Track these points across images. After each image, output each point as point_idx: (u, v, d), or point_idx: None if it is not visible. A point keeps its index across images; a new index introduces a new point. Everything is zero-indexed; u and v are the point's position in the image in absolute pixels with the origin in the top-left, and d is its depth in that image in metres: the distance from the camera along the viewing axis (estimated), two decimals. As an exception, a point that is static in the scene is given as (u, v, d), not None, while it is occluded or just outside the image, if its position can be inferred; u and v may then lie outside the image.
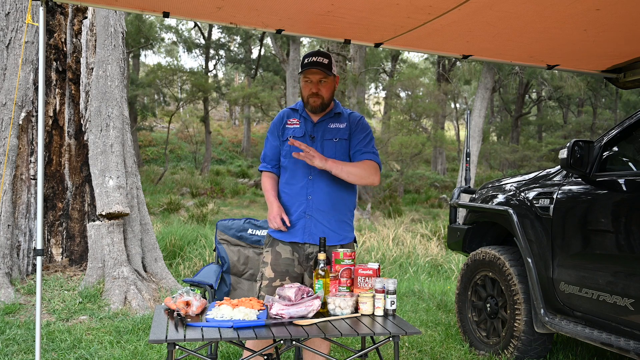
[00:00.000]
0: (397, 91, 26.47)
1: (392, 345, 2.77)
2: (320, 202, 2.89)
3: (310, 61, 2.85)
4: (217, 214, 12.77)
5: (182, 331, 2.29)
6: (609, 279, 3.13)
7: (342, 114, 3.00)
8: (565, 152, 3.33)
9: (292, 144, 2.81)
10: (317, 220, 2.89)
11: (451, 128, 36.52)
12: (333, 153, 2.90)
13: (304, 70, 2.87)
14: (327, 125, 2.95)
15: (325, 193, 2.89)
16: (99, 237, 5.34)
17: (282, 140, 2.99)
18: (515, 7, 2.74)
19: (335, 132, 2.94)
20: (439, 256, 8.14)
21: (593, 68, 3.97)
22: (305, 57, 2.91)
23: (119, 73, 5.73)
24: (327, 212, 2.90)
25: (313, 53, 2.89)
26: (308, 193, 2.90)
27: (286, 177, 2.98)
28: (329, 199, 2.90)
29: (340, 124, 2.96)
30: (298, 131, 2.96)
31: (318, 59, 2.85)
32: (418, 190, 22.15)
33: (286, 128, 3.00)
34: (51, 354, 3.83)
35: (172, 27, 27.91)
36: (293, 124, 2.99)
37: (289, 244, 2.93)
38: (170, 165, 24.93)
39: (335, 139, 2.93)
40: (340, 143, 2.93)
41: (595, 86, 22.77)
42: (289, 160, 2.96)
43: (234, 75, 41.52)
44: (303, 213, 2.90)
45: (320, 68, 2.84)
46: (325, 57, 2.89)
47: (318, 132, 2.94)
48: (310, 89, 2.89)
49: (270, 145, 3.05)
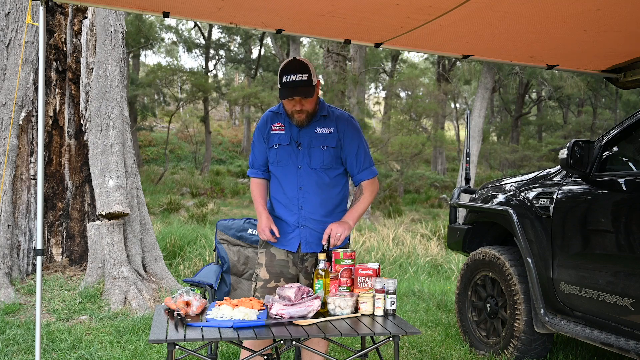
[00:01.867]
0: (397, 91, 26.46)
1: (392, 345, 2.77)
2: (312, 212, 2.84)
3: (289, 81, 2.65)
4: (217, 214, 12.77)
5: (182, 331, 2.29)
6: (609, 279, 3.13)
7: (329, 115, 2.86)
8: (565, 152, 3.33)
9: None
10: (312, 229, 2.85)
11: (451, 128, 36.51)
12: (321, 161, 2.82)
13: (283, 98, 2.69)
14: (314, 130, 2.82)
15: (316, 203, 2.84)
16: (99, 237, 5.34)
17: (269, 146, 2.90)
18: (515, 7, 2.74)
19: (322, 139, 2.82)
20: (439, 256, 8.14)
21: (593, 68, 3.97)
22: (282, 73, 2.69)
23: (119, 73, 5.74)
24: (320, 220, 2.84)
25: (290, 69, 2.68)
26: (300, 203, 2.84)
27: (276, 185, 2.91)
28: (320, 207, 2.85)
29: (327, 129, 2.84)
30: (284, 138, 2.85)
31: (298, 76, 2.64)
32: (418, 190, 22.14)
33: (271, 134, 2.88)
34: (51, 354, 3.83)
35: (172, 27, 27.90)
36: (278, 129, 2.87)
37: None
38: (170, 165, 24.93)
39: (323, 147, 2.81)
40: (329, 151, 2.82)
41: (595, 86, 22.76)
42: (276, 167, 2.88)
43: (234, 75, 41.51)
44: (297, 223, 2.86)
45: (299, 93, 2.66)
46: (304, 71, 2.67)
47: (304, 138, 2.83)
48: (293, 105, 2.74)
49: (258, 151, 2.95)
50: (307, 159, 2.82)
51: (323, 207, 2.85)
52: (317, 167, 2.83)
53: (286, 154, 2.85)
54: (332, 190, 2.87)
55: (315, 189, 2.83)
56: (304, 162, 2.83)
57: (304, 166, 2.83)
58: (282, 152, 2.86)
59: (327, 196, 2.86)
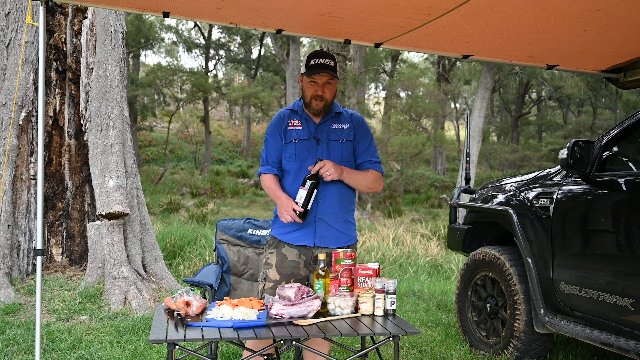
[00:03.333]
0: (397, 91, 26.48)
1: (392, 345, 2.77)
2: (330, 205, 2.87)
3: (318, 63, 2.79)
4: (217, 214, 12.77)
5: (182, 331, 2.29)
6: (609, 279, 3.13)
7: (343, 113, 2.97)
8: (565, 152, 3.33)
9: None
10: (328, 223, 2.87)
11: (451, 128, 36.52)
12: (340, 154, 2.88)
13: (312, 74, 2.81)
14: (330, 125, 2.92)
15: (334, 196, 2.87)
16: (99, 237, 5.34)
17: (286, 142, 2.92)
18: (515, 8, 2.74)
19: (339, 133, 2.91)
20: (439, 256, 8.14)
21: (593, 68, 3.97)
22: (310, 57, 2.83)
23: (119, 73, 5.74)
24: (337, 215, 2.88)
25: (319, 54, 2.83)
26: (317, 197, 2.84)
27: (289, 180, 2.92)
28: (338, 201, 2.88)
29: (343, 125, 2.93)
30: (302, 133, 2.90)
31: (325, 61, 2.79)
32: (418, 190, 22.15)
33: (288, 130, 2.92)
34: (51, 354, 3.83)
35: (172, 27, 27.92)
36: (295, 125, 2.92)
37: (296, 247, 2.89)
38: (170, 165, 24.94)
39: (342, 140, 2.90)
40: (347, 144, 2.91)
41: (595, 86, 22.77)
42: (293, 163, 2.90)
43: (234, 75, 41.52)
44: (313, 217, 2.86)
45: (328, 71, 2.79)
46: (332, 59, 2.84)
47: (322, 133, 2.90)
48: (315, 90, 2.83)
49: (273, 147, 2.95)
50: (325, 152, 2.87)
51: (340, 201, 2.90)
52: (336, 160, 2.85)
53: (305, 148, 2.89)
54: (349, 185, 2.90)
55: (334, 182, 2.85)
56: (323, 155, 2.86)
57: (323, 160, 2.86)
58: (300, 147, 2.89)
59: (345, 190, 2.90)
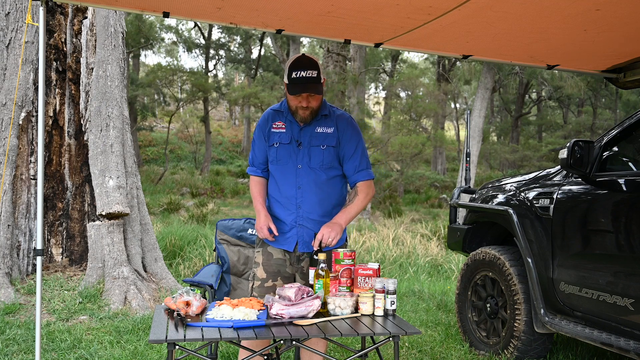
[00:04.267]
0: (397, 91, 26.46)
1: (392, 345, 2.77)
2: (310, 212, 2.84)
3: (299, 77, 2.65)
4: (217, 214, 12.77)
5: (182, 331, 2.29)
6: (609, 279, 3.13)
7: (330, 115, 2.87)
8: (565, 152, 3.33)
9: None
10: (309, 228, 2.84)
11: (451, 128, 36.51)
12: (321, 160, 2.82)
13: (294, 92, 2.68)
14: (314, 129, 2.83)
15: (314, 202, 2.84)
16: (99, 237, 5.34)
17: (269, 145, 2.89)
18: (515, 8, 2.74)
19: (322, 138, 2.83)
20: (439, 256, 8.14)
21: (593, 68, 3.97)
22: (292, 68, 2.68)
23: (119, 73, 5.74)
24: (318, 221, 2.84)
25: (300, 65, 2.67)
26: (298, 203, 2.84)
27: (274, 184, 2.91)
28: (319, 207, 2.84)
29: (327, 128, 2.84)
30: (284, 137, 2.85)
31: (308, 73, 2.65)
32: (418, 190, 22.15)
33: (272, 132, 2.88)
34: (51, 354, 3.83)
35: (172, 27, 27.90)
36: (279, 127, 2.87)
37: None
38: (170, 165, 24.93)
39: (323, 146, 2.82)
40: (328, 150, 2.83)
41: (595, 86, 22.76)
42: (275, 167, 2.88)
43: (234, 75, 41.51)
44: (294, 222, 2.85)
45: (311, 86, 2.66)
46: (314, 67, 2.68)
47: (305, 137, 2.84)
48: (299, 101, 2.74)
49: (258, 149, 2.94)
50: (306, 158, 2.83)
51: (321, 207, 2.85)
52: (317, 166, 2.83)
53: (286, 152, 2.85)
54: (330, 190, 2.87)
55: (314, 188, 2.83)
56: (304, 161, 2.83)
57: (304, 165, 2.84)
58: (282, 151, 2.86)
59: (325, 196, 2.86)
